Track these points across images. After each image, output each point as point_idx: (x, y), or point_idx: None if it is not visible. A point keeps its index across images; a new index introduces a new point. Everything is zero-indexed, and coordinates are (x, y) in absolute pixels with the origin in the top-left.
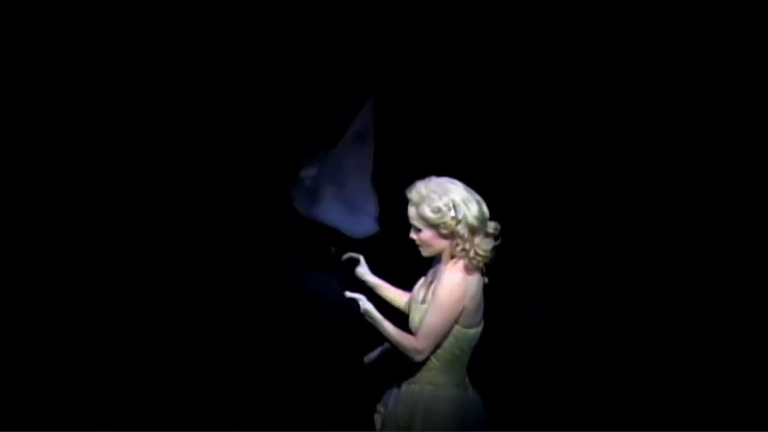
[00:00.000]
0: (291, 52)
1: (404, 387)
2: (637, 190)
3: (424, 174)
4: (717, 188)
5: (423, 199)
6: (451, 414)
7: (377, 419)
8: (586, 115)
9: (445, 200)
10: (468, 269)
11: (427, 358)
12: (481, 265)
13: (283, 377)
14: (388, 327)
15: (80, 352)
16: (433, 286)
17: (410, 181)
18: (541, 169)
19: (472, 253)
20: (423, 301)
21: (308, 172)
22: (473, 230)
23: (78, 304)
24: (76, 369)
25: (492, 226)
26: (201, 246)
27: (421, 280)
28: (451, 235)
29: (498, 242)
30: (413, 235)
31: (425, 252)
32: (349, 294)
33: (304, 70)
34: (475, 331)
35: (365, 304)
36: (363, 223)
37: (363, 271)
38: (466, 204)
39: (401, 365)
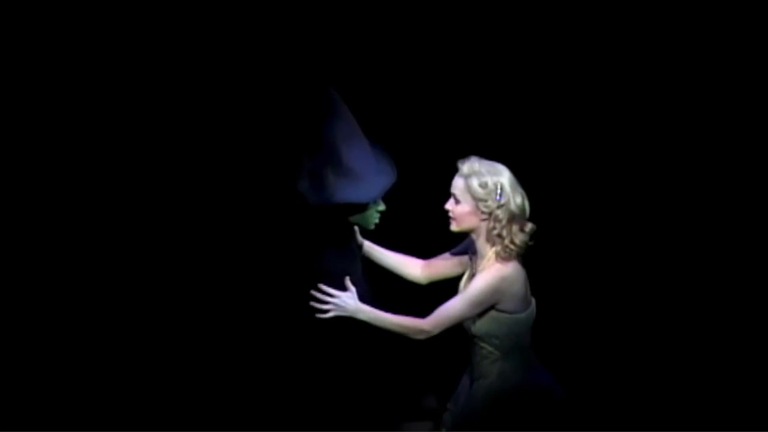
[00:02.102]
0: (290, 51)
1: (475, 384)
2: (637, 190)
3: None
4: (717, 188)
5: (474, 172)
6: (524, 400)
7: (446, 417)
8: (585, 115)
9: (494, 179)
10: (505, 260)
11: (490, 352)
12: (514, 255)
13: (285, 377)
14: (387, 317)
15: (80, 352)
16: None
17: (410, 181)
18: (541, 169)
19: (507, 241)
20: None
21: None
22: (512, 218)
23: (78, 304)
24: (76, 369)
25: (529, 226)
26: (201, 246)
27: (465, 276)
28: (488, 216)
29: (531, 243)
30: (449, 206)
31: (455, 226)
32: (325, 315)
33: (304, 69)
34: (528, 312)
35: (349, 306)
36: (376, 182)
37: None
38: (512, 190)
39: (467, 361)
